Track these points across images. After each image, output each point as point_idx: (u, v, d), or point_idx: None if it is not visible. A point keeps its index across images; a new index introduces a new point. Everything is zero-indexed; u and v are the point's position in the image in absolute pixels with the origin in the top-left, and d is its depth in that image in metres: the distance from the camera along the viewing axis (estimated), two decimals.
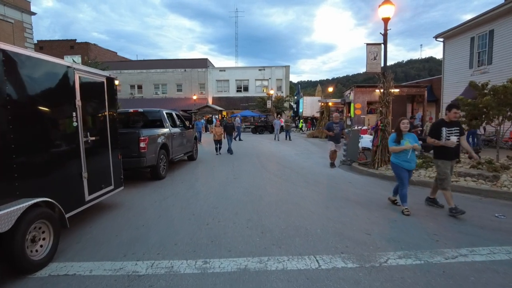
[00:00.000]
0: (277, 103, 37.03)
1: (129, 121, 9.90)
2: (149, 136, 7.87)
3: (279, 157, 12.85)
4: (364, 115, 16.97)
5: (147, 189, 7.45)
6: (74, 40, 45.59)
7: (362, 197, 6.42)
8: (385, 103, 9.86)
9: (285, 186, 7.48)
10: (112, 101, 5.79)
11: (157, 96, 43.05)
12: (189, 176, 9.02)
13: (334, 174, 9.04)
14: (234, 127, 15.14)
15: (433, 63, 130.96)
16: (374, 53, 9.84)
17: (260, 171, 9.63)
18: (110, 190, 5.63)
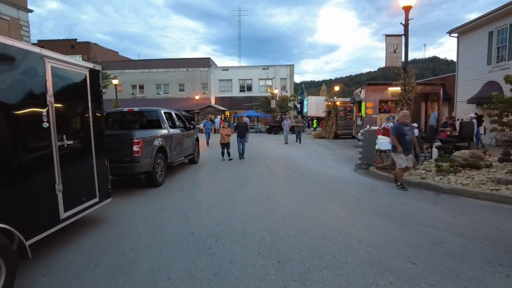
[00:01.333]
0: (282, 103, 36.07)
1: (124, 121, 9.02)
2: (143, 138, 6.97)
3: (287, 160, 11.92)
4: (376, 114, 16.02)
5: (140, 198, 6.54)
6: (75, 40, 44.97)
7: (391, 210, 5.46)
8: (407, 101, 8.90)
9: (298, 196, 6.55)
10: (96, 97, 4.88)
11: (159, 96, 42.24)
12: (189, 182, 8.11)
13: (352, 180, 8.10)
14: (247, 128, 12.57)
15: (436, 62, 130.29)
16: (394, 46, 8.89)
17: (268, 177, 8.70)
18: (95, 203, 4.73)
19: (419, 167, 8.83)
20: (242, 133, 12.06)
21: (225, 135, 11.80)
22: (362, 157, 9.90)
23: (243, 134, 12.07)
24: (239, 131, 12.07)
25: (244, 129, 12.12)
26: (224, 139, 11.82)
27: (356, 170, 9.72)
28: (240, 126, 12.26)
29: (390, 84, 16.27)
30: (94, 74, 4.87)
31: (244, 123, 12.53)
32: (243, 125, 12.33)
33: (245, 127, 12.30)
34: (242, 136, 12.05)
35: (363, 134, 9.98)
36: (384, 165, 9.77)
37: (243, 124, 12.48)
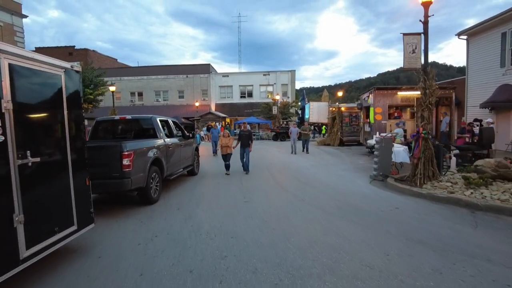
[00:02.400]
0: (283, 109, 35.31)
1: (115, 130, 8.19)
2: (135, 150, 6.11)
3: (293, 170, 11.05)
4: (385, 120, 15.21)
5: (131, 220, 5.67)
6: (72, 47, 44.50)
7: (427, 234, 4.59)
8: (428, 106, 8.07)
9: (313, 215, 5.67)
10: (74, 103, 4.06)
11: (158, 103, 41.53)
12: (188, 198, 7.24)
13: (370, 195, 7.22)
14: (251, 137, 10.71)
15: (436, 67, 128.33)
16: (412, 45, 8.09)
17: (276, 190, 7.83)
18: (71, 233, 3.87)
19: (442, 178, 7.98)
20: (246, 142, 10.48)
21: (225, 146, 10.31)
22: (378, 168, 9.04)
23: (247, 143, 10.48)
24: (243, 141, 10.51)
25: (248, 138, 10.54)
26: (225, 150, 10.35)
27: (372, 182, 8.85)
28: (243, 135, 10.59)
29: (400, 89, 15.49)
30: (72, 75, 4.05)
31: (247, 131, 10.86)
32: (247, 134, 10.63)
33: (249, 135, 10.63)
34: (246, 146, 10.50)
35: (378, 142, 9.13)
36: (401, 176, 8.92)
37: (247, 132, 10.77)
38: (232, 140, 10.66)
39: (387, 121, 15.40)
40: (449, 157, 8.41)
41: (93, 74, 25.69)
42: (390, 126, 15.22)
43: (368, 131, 16.43)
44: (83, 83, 24.34)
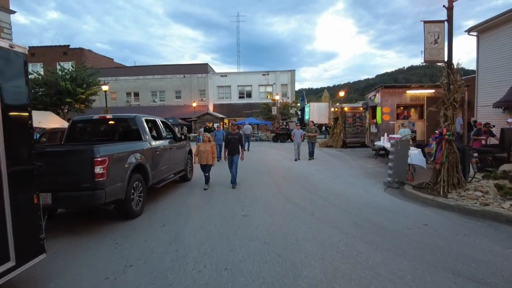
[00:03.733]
0: (283, 110, 34.30)
1: (94, 132, 7.15)
2: (111, 155, 5.08)
3: (297, 175, 10.02)
4: (393, 120, 14.22)
5: (104, 241, 4.63)
6: (67, 46, 43.36)
7: (479, 266, 3.56)
8: (452, 104, 7.06)
9: (327, 235, 4.64)
10: (14, 97, 3.03)
11: (155, 103, 40.51)
12: (176, 211, 6.20)
13: (389, 206, 6.20)
14: (241, 141, 8.62)
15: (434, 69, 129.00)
16: (434, 35, 7.08)
17: (279, 201, 6.79)
18: (6, 271, 2.84)
19: (468, 186, 6.97)
20: (235, 149, 8.40)
21: (205, 153, 8.02)
22: (393, 173, 8.03)
23: (237, 150, 8.42)
24: (231, 146, 8.40)
25: (237, 144, 8.43)
26: (204, 159, 8.04)
27: (387, 189, 7.85)
28: (232, 139, 8.44)
29: (410, 87, 14.51)
30: (10, 58, 3.02)
31: (237, 135, 8.68)
32: (236, 138, 8.47)
33: (239, 140, 8.49)
34: (235, 153, 8.41)
35: (394, 145, 8.12)
36: (419, 183, 7.91)
37: (236, 136, 8.56)
38: (215, 146, 8.62)
39: (395, 122, 14.42)
40: (476, 162, 7.40)
41: (85, 73, 24.62)
42: (399, 127, 14.23)
43: (375, 132, 15.42)
44: (75, 83, 23.34)
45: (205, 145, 8.14)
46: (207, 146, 8.12)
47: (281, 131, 29.53)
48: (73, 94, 22.65)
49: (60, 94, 22.50)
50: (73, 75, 23.69)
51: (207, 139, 8.18)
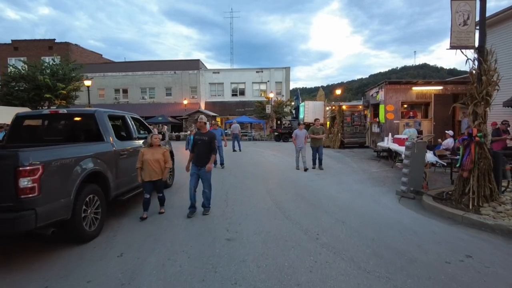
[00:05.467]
0: (277, 108, 33.00)
1: (44, 131, 5.78)
2: (47, 162, 3.73)
3: (294, 182, 8.75)
4: (397, 119, 13.04)
5: (32, 283, 3.30)
6: (53, 40, 41.50)
7: None
8: (485, 98, 5.85)
9: (341, 275, 3.36)
10: None
11: (144, 101, 38.91)
12: (144, 230, 4.87)
13: (411, 226, 4.94)
14: (212, 145, 5.72)
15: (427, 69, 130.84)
16: (464, 14, 5.86)
17: (275, 217, 5.49)
18: None
19: (504, 199, 5.76)
20: (203, 156, 5.66)
21: (153, 163, 5.37)
22: (408, 181, 6.80)
23: (205, 158, 5.65)
24: (198, 153, 5.69)
25: (207, 147, 5.65)
26: (148, 174, 5.38)
27: (401, 200, 6.63)
28: (200, 140, 5.70)
29: (416, 83, 13.33)
30: None
31: (208, 136, 5.75)
32: (205, 140, 5.68)
33: (209, 143, 5.67)
34: (203, 163, 5.64)
35: (409, 148, 6.88)
36: (439, 193, 6.71)
37: (205, 137, 5.71)
38: (168, 152, 5.75)
39: (400, 121, 13.25)
40: (510, 169, 6.20)
41: (67, 67, 23.03)
42: (404, 126, 13.07)
43: (377, 132, 14.25)
44: (56, 77, 21.77)
45: (153, 152, 5.38)
46: (157, 152, 5.43)
47: (283, 130, 28.57)
48: (53, 89, 21.07)
49: (38, 89, 20.91)
50: (53, 69, 22.10)
51: (157, 141, 5.49)
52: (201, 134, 5.80)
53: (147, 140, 5.56)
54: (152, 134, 5.62)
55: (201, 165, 5.63)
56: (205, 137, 5.69)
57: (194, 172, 5.70)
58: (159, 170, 5.46)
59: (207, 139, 5.67)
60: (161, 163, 5.48)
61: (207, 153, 5.66)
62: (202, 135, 5.76)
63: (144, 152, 5.41)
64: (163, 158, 5.51)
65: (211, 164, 5.69)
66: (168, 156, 5.62)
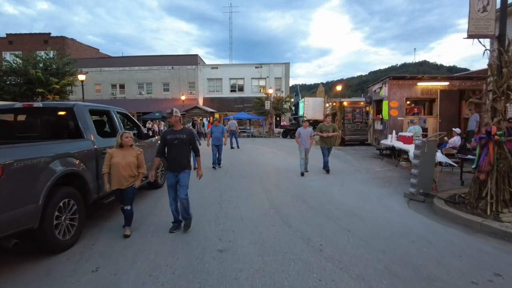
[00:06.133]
0: (277, 104, 32.42)
1: (18, 127, 5.24)
2: (7, 164, 3.20)
3: (294, 182, 8.23)
4: (402, 116, 12.51)
5: None
6: (48, 34, 40.79)
7: None
8: (505, 93, 5.31)
9: None
10: None
11: (141, 96, 38.26)
12: (127, 239, 4.35)
13: (425, 235, 4.42)
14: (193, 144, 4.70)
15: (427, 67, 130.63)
16: (483, 0, 5.31)
17: (273, 223, 4.97)
18: None
19: None
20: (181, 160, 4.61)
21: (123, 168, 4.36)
22: (418, 183, 6.28)
23: (183, 162, 4.63)
24: (173, 156, 4.60)
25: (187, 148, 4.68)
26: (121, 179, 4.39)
27: (409, 203, 6.12)
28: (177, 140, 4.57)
29: (421, 78, 12.79)
30: None
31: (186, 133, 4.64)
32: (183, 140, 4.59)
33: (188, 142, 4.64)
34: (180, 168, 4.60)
35: (419, 147, 6.36)
36: (451, 195, 6.20)
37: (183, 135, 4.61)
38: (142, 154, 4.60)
39: (404, 117, 12.72)
40: None
41: (61, 61, 22.39)
42: (408, 123, 12.56)
43: (380, 130, 13.73)
44: (49, 72, 21.17)
45: (124, 154, 4.37)
46: (129, 154, 4.40)
47: (291, 126, 27.93)
48: (46, 84, 20.46)
49: (30, 83, 20.29)
50: (46, 63, 21.46)
51: (128, 141, 4.40)
52: (175, 132, 4.59)
53: (116, 139, 4.46)
54: (123, 132, 4.50)
55: (178, 170, 4.56)
56: (183, 135, 4.57)
57: (173, 181, 4.59)
58: (131, 177, 4.44)
59: (185, 137, 4.58)
60: (131, 168, 4.43)
61: (187, 154, 4.69)
62: (177, 133, 4.58)
63: (112, 154, 4.36)
64: (136, 162, 4.48)
65: (201, 169, 4.88)
66: (142, 160, 4.57)
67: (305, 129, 9.36)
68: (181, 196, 4.52)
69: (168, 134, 4.62)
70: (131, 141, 4.49)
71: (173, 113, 4.59)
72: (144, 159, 4.62)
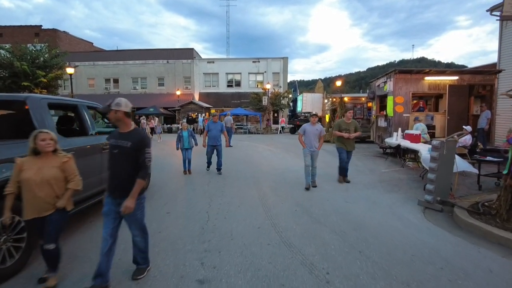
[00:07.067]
0: (275, 100, 31.53)
1: None
2: None
3: (293, 187, 7.41)
4: (407, 113, 11.69)
5: None
6: (39, 27, 39.63)
7: None
8: None
9: None
10: None
11: (136, 91, 37.25)
12: (86, 262, 3.52)
13: (454, 259, 3.61)
14: (144, 156, 2.92)
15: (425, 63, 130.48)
16: None
17: (269, 242, 4.14)
18: None
19: None
20: (124, 177, 2.93)
21: (39, 185, 2.87)
22: (435, 189, 5.48)
23: (128, 180, 2.91)
24: (115, 172, 2.99)
25: (131, 162, 2.93)
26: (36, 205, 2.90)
27: (425, 212, 5.33)
28: (118, 148, 2.95)
29: (428, 73, 11.95)
30: None
31: (136, 137, 2.95)
32: (127, 148, 2.91)
33: (137, 153, 2.92)
34: (122, 189, 2.93)
35: (437, 149, 5.54)
36: (473, 204, 5.41)
37: (130, 141, 2.93)
38: (71, 162, 3.10)
39: (410, 114, 11.91)
40: None
41: (51, 54, 21.40)
42: (414, 121, 11.75)
43: (384, 127, 12.92)
44: (35, 65, 20.20)
45: (41, 165, 2.94)
46: (48, 166, 2.96)
47: (301, 122, 26.91)
48: (32, 77, 19.49)
49: (16, 76, 19.30)
50: (32, 55, 20.45)
51: (47, 145, 2.94)
52: (120, 136, 2.98)
53: (28, 143, 2.94)
54: (38, 131, 2.97)
55: (122, 196, 2.90)
56: (126, 142, 2.91)
57: (111, 209, 3.00)
58: (53, 198, 2.95)
59: (129, 145, 2.90)
60: (57, 186, 2.95)
61: (131, 172, 2.91)
62: (122, 137, 2.96)
63: (22, 166, 2.88)
64: (61, 175, 2.98)
65: (136, 193, 2.89)
66: (72, 169, 3.07)
67: (313, 125, 7.17)
68: (134, 236, 3.17)
69: (111, 137, 3.09)
70: (51, 145, 2.95)
71: (111, 106, 2.92)
72: (75, 167, 3.11)
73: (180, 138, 8.71)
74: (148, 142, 3.02)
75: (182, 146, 8.72)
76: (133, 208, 2.91)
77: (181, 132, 8.75)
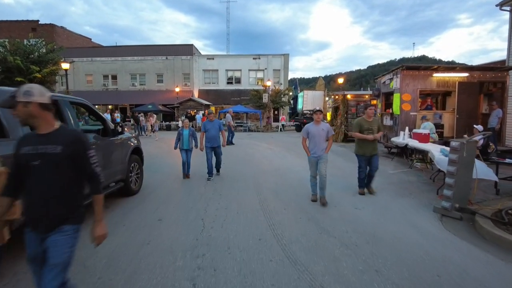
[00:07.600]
0: (275, 97, 30.98)
1: None
2: None
3: (297, 191, 6.91)
4: (415, 111, 11.18)
5: None
6: (36, 22, 38.98)
7: None
8: None
9: None
10: None
11: (134, 88, 36.72)
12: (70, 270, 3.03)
13: (485, 279, 3.12)
14: (87, 159, 2.03)
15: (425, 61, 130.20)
16: None
17: (271, 258, 3.64)
18: None
19: None
20: (51, 201, 1.94)
21: None
22: (454, 194, 4.97)
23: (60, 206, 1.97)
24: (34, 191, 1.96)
25: (58, 175, 1.95)
26: None
27: (443, 220, 4.83)
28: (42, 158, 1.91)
29: (436, 69, 11.41)
30: None
31: (65, 141, 1.97)
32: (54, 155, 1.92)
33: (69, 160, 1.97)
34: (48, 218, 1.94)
35: (456, 150, 5.03)
36: (496, 211, 4.92)
37: (59, 144, 1.94)
38: None
39: (418, 112, 11.39)
40: None
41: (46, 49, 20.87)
42: (421, 120, 11.24)
43: (390, 126, 12.41)
44: (30, 60, 19.68)
45: None
46: None
47: (308, 120, 26.24)
48: (26, 72, 18.96)
49: (9, 72, 18.79)
50: (27, 50, 19.92)
51: None
52: (38, 139, 1.97)
53: None
54: None
55: (54, 227, 1.97)
56: (54, 147, 1.95)
57: (36, 251, 2.01)
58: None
59: (61, 150, 1.95)
60: None
61: (66, 189, 2.01)
62: (44, 140, 1.97)
63: None
64: None
65: (102, 213, 2.15)
66: None
67: (317, 125, 5.69)
68: (45, 284, 1.91)
69: (23, 144, 2.01)
70: None
71: (17, 96, 1.88)
72: None
73: (179, 137, 7.85)
74: (88, 142, 2.10)
75: (181, 146, 7.84)
76: (106, 233, 2.16)
77: (182, 130, 7.87)
